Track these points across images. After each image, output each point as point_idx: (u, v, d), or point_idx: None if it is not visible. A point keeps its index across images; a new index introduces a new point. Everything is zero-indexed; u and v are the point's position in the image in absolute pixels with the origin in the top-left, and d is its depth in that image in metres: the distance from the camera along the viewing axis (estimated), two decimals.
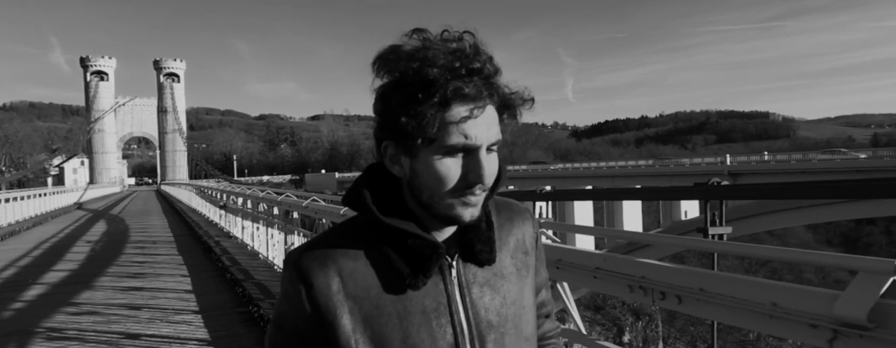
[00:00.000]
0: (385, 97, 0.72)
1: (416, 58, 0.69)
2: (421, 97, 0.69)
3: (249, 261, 8.30)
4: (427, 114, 0.69)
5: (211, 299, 6.40)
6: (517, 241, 0.86)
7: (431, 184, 0.73)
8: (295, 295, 0.76)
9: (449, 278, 0.78)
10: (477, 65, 0.70)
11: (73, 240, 13.31)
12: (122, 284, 7.41)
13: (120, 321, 5.49)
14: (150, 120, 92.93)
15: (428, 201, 0.74)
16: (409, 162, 0.74)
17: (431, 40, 0.71)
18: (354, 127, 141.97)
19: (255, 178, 76.26)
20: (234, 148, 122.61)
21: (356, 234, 0.79)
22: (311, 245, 0.79)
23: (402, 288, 0.75)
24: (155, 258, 9.87)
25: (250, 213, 9.57)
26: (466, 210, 0.74)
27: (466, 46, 0.71)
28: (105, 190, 53.64)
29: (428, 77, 0.68)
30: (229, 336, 4.98)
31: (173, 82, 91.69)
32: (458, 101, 0.69)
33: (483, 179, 0.72)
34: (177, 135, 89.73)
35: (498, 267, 0.82)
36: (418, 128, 0.69)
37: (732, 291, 1.74)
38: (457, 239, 0.80)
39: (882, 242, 60.59)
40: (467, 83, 0.69)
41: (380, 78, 0.73)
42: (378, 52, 0.72)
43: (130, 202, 34.71)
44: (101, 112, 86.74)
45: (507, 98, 0.74)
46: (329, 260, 0.75)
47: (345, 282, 0.75)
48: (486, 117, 0.72)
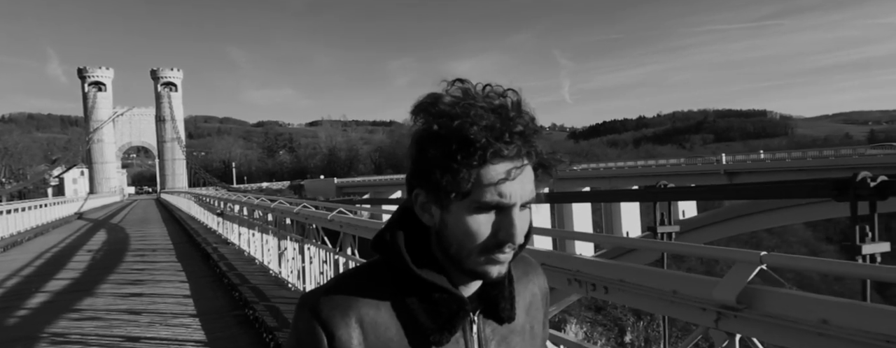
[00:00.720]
0: (421, 146, 0.71)
1: (459, 114, 0.68)
2: (460, 157, 0.68)
3: (246, 266, 8.58)
4: (463, 171, 0.68)
5: (208, 303, 6.68)
6: (532, 297, 0.86)
7: (461, 239, 0.72)
8: (311, 345, 0.73)
9: (469, 335, 0.77)
10: (519, 127, 0.69)
11: (74, 249, 13.59)
12: (122, 291, 7.69)
13: (121, 325, 5.77)
14: (149, 129, 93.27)
15: (455, 255, 0.73)
16: (439, 213, 0.73)
17: (474, 94, 0.70)
18: (352, 132, 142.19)
19: (254, 185, 76.52)
20: (233, 155, 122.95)
21: (377, 281, 0.76)
22: (330, 289, 0.76)
23: (424, 343, 0.73)
24: (154, 265, 10.15)
25: (246, 220, 9.86)
26: (494, 267, 0.73)
27: (509, 104, 0.70)
28: (105, 199, 53.90)
29: (468, 136, 0.67)
30: (225, 337, 5.26)
31: (171, 91, 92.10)
32: (497, 162, 0.69)
33: (514, 238, 0.71)
34: (175, 143, 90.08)
35: (514, 325, 0.81)
36: (452, 183, 0.69)
37: (645, 281, 2.03)
38: (479, 293, 0.78)
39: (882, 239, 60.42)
40: (508, 145, 0.68)
41: (417, 124, 0.72)
42: (419, 99, 0.71)
43: (130, 211, 34.99)
44: (99, 122, 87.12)
45: (545, 159, 0.73)
46: (351, 308, 0.73)
47: (366, 334, 0.72)
48: (523, 177, 0.71)
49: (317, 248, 5.78)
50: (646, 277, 2.03)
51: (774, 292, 1.62)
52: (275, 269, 7.54)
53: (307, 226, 6.11)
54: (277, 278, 7.29)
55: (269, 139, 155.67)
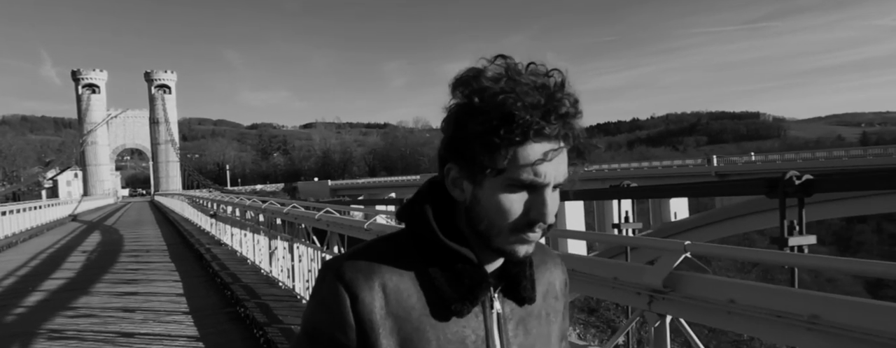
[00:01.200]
0: (459, 120, 0.70)
1: (504, 89, 0.67)
2: (502, 131, 0.67)
3: (238, 265, 8.77)
4: (502, 147, 0.67)
5: (201, 301, 6.87)
6: (549, 285, 0.85)
7: (492, 216, 0.71)
8: (336, 306, 0.72)
9: (489, 311, 0.76)
10: (563, 109, 0.68)
11: (69, 250, 13.72)
12: (117, 289, 7.87)
13: (115, 322, 5.96)
14: (143, 131, 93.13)
15: (485, 231, 0.72)
16: (471, 188, 0.72)
17: (518, 71, 0.69)
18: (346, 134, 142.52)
19: (248, 187, 76.46)
20: (227, 157, 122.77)
21: (400, 251, 0.76)
22: (353, 255, 0.76)
23: (445, 314, 0.73)
24: (148, 265, 10.32)
25: (238, 221, 10.05)
26: (523, 247, 0.73)
27: (553, 84, 0.69)
28: (99, 201, 53.80)
29: (512, 111, 0.66)
30: (217, 333, 5.45)
31: (165, 93, 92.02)
32: (538, 141, 0.68)
33: (545, 217, 0.70)
34: (169, 146, 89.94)
35: (532, 308, 0.80)
36: (490, 159, 0.68)
37: (590, 270, 2.27)
38: (500, 272, 0.78)
39: (873, 240, 60.89)
40: (550, 125, 0.68)
41: (455, 97, 0.71)
42: (459, 73, 0.70)
43: (124, 213, 35.03)
44: (93, 124, 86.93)
45: (582, 143, 0.72)
46: (374, 273, 0.73)
47: (388, 300, 0.72)
48: (559, 158, 0.70)
49: (305, 247, 5.99)
50: (594, 266, 2.26)
51: (693, 276, 1.85)
52: (266, 268, 7.74)
53: (296, 226, 6.32)
54: (268, 277, 7.49)
55: (263, 141, 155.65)
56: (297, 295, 6.28)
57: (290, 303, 6.01)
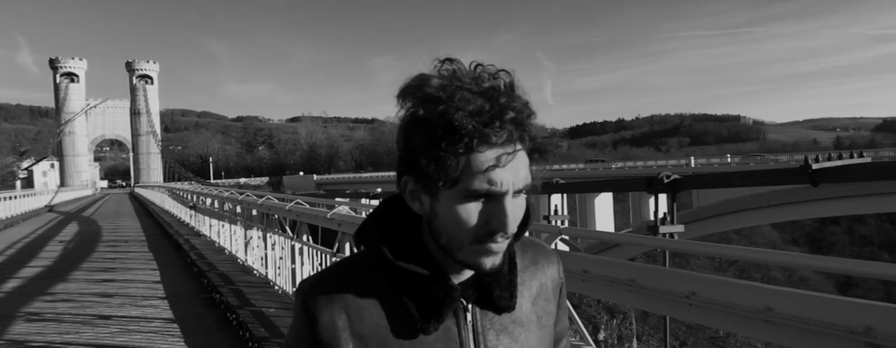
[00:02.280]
0: (407, 132, 0.69)
1: (443, 99, 0.64)
2: (445, 144, 0.65)
3: (215, 255, 9.01)
4: (450, 158, 0.65)
5: (178, 287, 7.12)
6: (541, 287, 0.81)
7: (451, 229, 0.69)
8: (301, 329, 0.74)
9: (463, 323, 0.74)
10: (510, 113, 0.65)
11: (46, 240, 13.78)
12: (94, 277, 8.08)
13: (93, 306, 6.20)
14: (123, 122, 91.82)
15: (447, 245, 0.70)
16: (429, 201, 0.70)
17: (462, 77, 0.66)
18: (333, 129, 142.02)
19: (231, 181, 75.97)
20: (211, 150, 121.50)
21: (368, 269, 0.75)
22: (320, 277, 0.76)
23: (412, 331, 0.71)
24: (126, 254, 10.50)
25: (217, 212, 10.28)
26: (487, 258, 0.70)
27: (501, 87, 0.66)
28: (77, 192, 53.10)
29: (453, 122, 0.64)
30: (191, 316, 5.73)
31: (146, 84, 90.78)
32: (486, 149, 0.65)
33: (506, 227, 0.67)
34: (150, 137, 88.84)
35: (517, 314, 0.77)
36: (439, 171, 0.66)
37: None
38: (474, 281, 0.75)
39: (845, 241, 62.32)
40: (497, 131, 0.65)
41: (404, 109, 0.69)
42: (405, 82, 0.68)
43: (103, 204, 34.76)
44: (71, 114, 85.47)
45: (540, 143, 0.69)
46: (336, 295, 0.72)
47: (351, 320, 0.72)
48: (516, 163, 0.67)
49: (278, 237, 6.28)
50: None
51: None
52: (242, 257, 8.00)
53: (270, 217, 6.60)
54: (244, 265, 7.75)
55: (248, 134, 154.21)
56: (270, 281, 6.57)
57: (262, 289, 6.29)
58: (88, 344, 4.80)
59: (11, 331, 5.26)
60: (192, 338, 4.92)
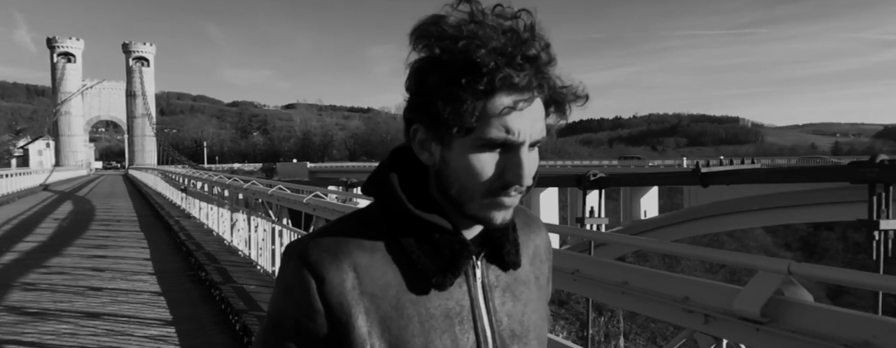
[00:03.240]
0: (421, 74, 0.64)
1: (464, 35, 0.60)
2: (464, 81, 0.60)
3: (204, 236, 9.42)
4: (467, 100, 0.61)
5: (166, 265, 7.55)
6: (536, 248, 0.81)
7: (463, 179, 0.65)
8: (301, 291, 0.66)
9: (473, 280, 0.71)
10: (533, 51, 0.62)
11: (41, 217, 14.16)
12: (87, 253, 8.49)
13: (86, 278, 6.62)
14: (119, 103, 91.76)
15: (457, 197, 0.67)
16: (440, 150, 0.67)
17: (482, 14, 0.62)
18: (328, 117, 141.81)
19: (225, 166, 76.17)
20: (205, 134, 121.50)
21: (369, 226, 0.70)
22: (318, 234, 0.70)
23: (424, 288, 0.67)
24: (119, 233, 10.90)
25: (206, 196, 10.69)
26: (499, 212, 0.66)
27: (522, 27, 0.62)
28: (71, 173, 53.29)
29: (475, 59, 0.60)
30: (178, 290, 6.15)
31: (143, 66, 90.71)
32: (505, 91, 0.61)
33: (522, 179, 0.64)
34: (145, 119, 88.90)
35: (518, 273, 0.75)
36: (455, 116, 0.61)
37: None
38: (481, 238, 0.72)
39: (838, 248, 62.45)
40: (519, 72, 0.61)
41: (416, 51, 0.64)
42: (418, 21, 0.63)
43: (97, 185, 35.06)
44: (67, 94, 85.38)
45: (558, 92, 0.65)
46: (342, 252, 0.67)
47: (360, 279, 0.66)
48: (532, 111, 0.63)
49: (261, 220, 6.70)
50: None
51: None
52: (228, 238, 8.42)
53: (254, 201, 7.02)
54: (230, 246, 8.17)
55: (243, 120, 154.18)
56: (253, 261, 6.99)
57: (246, 268, 6.71)
58: (80, 311, 5.22)
59: (9, 299, 5.67)
60: (177, 309, 5.34)
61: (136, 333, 4.59)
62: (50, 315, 5.10)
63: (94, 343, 4.33)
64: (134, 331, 4.64)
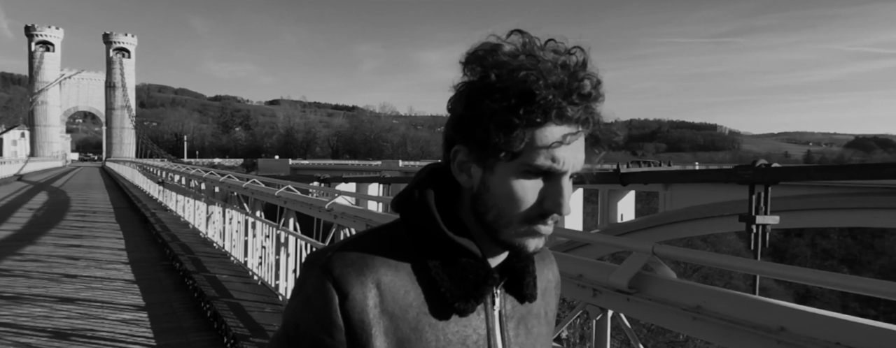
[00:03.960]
0: (472, 97, 0.64)
1: (524, 65, 0.62)
2: (521, 111, 0.61)
3: (180, 228, 9.56)
4: (519, 128, 0.62)
5: (140, 254, 7.70)
6: (547, 283, 0.80)
7: (502, 205, 0.65)
8: (322, 304, 0.65)
9: (491, 309, 0.70)
10: (586, 88, 0.64)
11: (15, 207, 14.10)
12: (62, 242, 8.59)
13: (60, 266, 6.76)
14: (98, 94, 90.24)
15: (493, 222, 0.66)
16: (480, 173, 0.66)
17: (538, 47, 0.64)
18: (312, 114, 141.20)
19: (205, 160, 75.35)
20: (186, 128, 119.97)
21: (396, 243, 0.69)
22: (343, 247, 0.68)
23: (445, 312, 0.67)
24: (94, 224, 10.98)
25: (183, 189, 10.82)
26: (534, 240, 0.66)
27: (574, 63, 0.64)
28: (46, 163, 52.37)
29: (533, 90, 0.61)
30: (151, 278, 6.33)
31: (123, 57, 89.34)
32: (557, 123, 0.63)
33: (561, 208, 0.64)
34: (125, 111, 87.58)
35: (531, 306, 0.75)
36: (506, 142, 0.62)
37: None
38: (502, 267, 0.72)
39: (807, 254, 64.30)
40: (573, 106, 0.63)
41: (467, 75, 0.65)
42: (473, 46, 0.65)
43: (73, 176, 34.61)
44: (45, 83, 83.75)
45: (601, 129, 0.67)
46: (367, 268, 0.65)
47: (383, 297, 0.65)
48: (578, 144, 0.65)
49: (235, 212, 6.90)
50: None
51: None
52: (203, 230, 8.59)
53: (229, 194, 7.22)
54: (205, 238, 8.35)
55: (225, 114, 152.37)
56: (227, 253, 7.19)
57: (219, 259, 6.90)
58: (55, 296, 5.39)
59: None
60: (149, 296, 5.53)
61: (110, 317, 4.79)
62: (24, 299, 5.26)
63: (68, 325, 4.52)
64: (107, 315, 4.83)
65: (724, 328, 1.44)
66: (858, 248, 57.36)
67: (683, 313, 1.54)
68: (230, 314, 4.50)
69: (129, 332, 4.41)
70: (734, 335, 1.42)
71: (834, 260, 59.23)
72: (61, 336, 4.25)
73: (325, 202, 4.10)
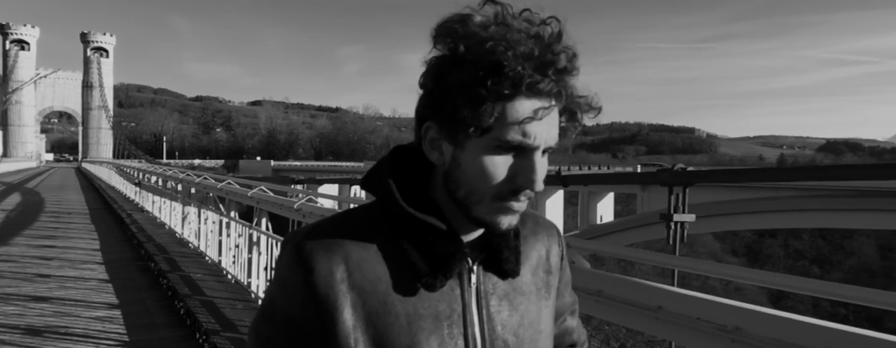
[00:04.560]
0: (440, 71, 0.62)
1: (493, 36, 0.59)
2: (489, 83, 0.59)
3: (155, 229, 9.59)
4: (488, 101, 0.60)
5: (115, 255, 7.75)
6: (540, 258, 0.78)
7: (473, 181, 0.64)
8: (292, 281, 0.67)
9: (467, 285, 0.69)
10: (560, 61, 0.61)
11: None
12: (35, 243, 8.58)
13: (34, 267, 6.79)
14: (74, 94, 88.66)
15: (465, 199, 0.65)
16: (451, 150, 0.65)
17: (510, 18, 0.61)
18: (294, 115, 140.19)
19: (185, 161, 74.39)
20: (166, 129, 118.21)
21: (369, 222, 0.69)
22: (315, 226, 0.70)
23: (415, 287, 0.66)
24: (69, 225, 10.93)
25: (159, 190, 10.85)
26: (506, 217, 0.65)
27: (550, 34, 0.61)
28: (20, 164, 51.34)
29: (501, 61, 0.58)
30: (125, 278, 6.40)
31: (101, 57, 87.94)
32: (527, 96, 0.60)
33: (534, 184, 0.63)
34: (102, 112, 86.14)
35: (518, 282, 0.73)
36: (474, 116, 0.61)
37: None
38: (480, 243, 0.71)
39: (780, 254, 65.60)
40: (544, 79, 0.60)
41: (438, 48, 0.63)
42: (443, 18, 0.62)
43: (48, 177, 34.01)
44: (19, 83, 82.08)
45: (575, 101, 0.65)
46: (335, 245, 0.67)
47: (351, 271, 0.66)
48: (550, 117, 0.63)
49: (210, 212, 7.01)
50: None
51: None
52: (179, 231, 8.66)
53: (206, 195, 7.32)
54: (181, 239, 8.41)
55: (206, 115, 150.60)
56: (202, 253, 7.28)
57: (194, 259, 6.99)
58: (28, 295, 5.45)
59: None
60: (123, 295, 5.62)
61: (83, 314, 4.88)
62: None
63: (41, 322, 4.61)
64: (80, 313, 4.92)
65: (682, 327, 1.51)
66: (829, 249, 58.78)
67: (645, 313, 1.61)
68: (202, 310, 4.63)
69: (103, 329, 4.52)
70: (689, 333, 1.49)
71: (806, 260, 60.59)
72: (34, 333, 4.34)
73: (295, 202, 4.27)
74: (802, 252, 63.45)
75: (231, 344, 3.90)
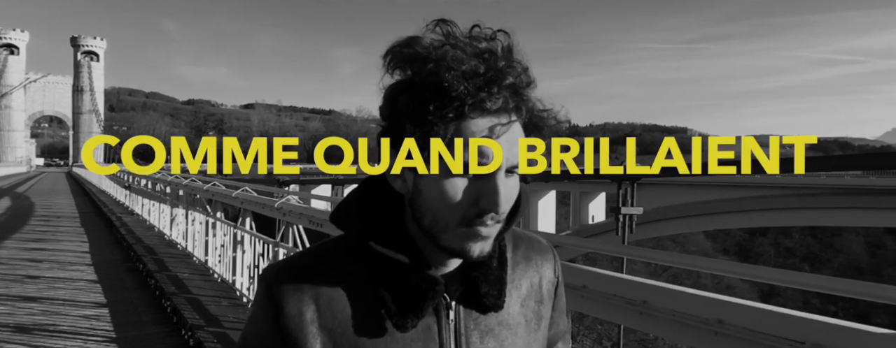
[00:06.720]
0: (392, 98, 0.61)
1: (434, 57, 0.57)
2: (433, 107, 0.57)
3: (145, 232, 9.70)
4: (437, 124, 0.58)
5: (104, 257, 7.86)
6: (531, 287, 0.73)
7: (435, 208, 0.61)
8: (263, 319, 0.66)
9: (445, 322, 0.66)
10: (508, 76, 0.58)
11: None
12: (25, 245, 8.68)
13: (23, 268, 6.90)
14: (64, 99, 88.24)
15: (430, 227, 0.62)
16: (412, 177, 0.62)
17: (456, 37, 0.59)
18: (287, 118, 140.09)
19: None
20: (158, 132, 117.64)
21: (344, 256, 0.67)
22: (288, 263, 0.68)
23: (386, 327, 0.64)
24: (58, 228, 11.02)
25: (148, 192, 10.95)
26: (475, 244, 0.61)
27: (498, 49, 0.59)
28: (9, 169, 51.07)
29: (443, 83, 0.56)
30: (114, 279, 6.53)
31: (92, 61, 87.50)
32: (479, 115, 0.58)
33: (497, 206, 0.59)
34: (93, 116, 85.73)
35: (504, 315, 0.69)
36: (424, 140, 0.59)
37: None
38: (459, 275, 0.67)
39: (771, 253, 66.10)
40: (492, 95, 0.57)
41: (390, 74, 0.61)
42: (392, 43, 0.60)
43: (38, 182, 33.91)
44: (8, 87, 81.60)
45: (537, 116, 0.62)
46: (306, 283, 0.65)
47: (321, 312, 0.64)
48: (510, 135, 0.60)
49: (198, 214, 7.14)
50: None
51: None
52: (168, 233, 8.78)
53: (193, 196, 7.45)
54: (169, 240, 8.53)
55: (198, 118, 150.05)
56: (190, 254, 7.41)
57: (182, 260, 7.13)
58: (17, 296, 5.57)
59: None
60: (111, 294, 5.75)
61: (71, 313, 5.02)
62: None
63: (30, 321, 4.74)
64: (69, 312, 5.06)
65: (666, 321, 1.53)
66: (819, 247, 59.35)
67: (631, 307, 1.64)
68: (188, 307, 4.77)
69: (90, 326, 4.65)
70: (673, 327, 1.54)
71: (796, 258, 61.11)
72: (23, 330, 4.47)
73: (276, 201, 4.43)
74: (793, 250, 63.91)
75: (214, 339, 4.05)
